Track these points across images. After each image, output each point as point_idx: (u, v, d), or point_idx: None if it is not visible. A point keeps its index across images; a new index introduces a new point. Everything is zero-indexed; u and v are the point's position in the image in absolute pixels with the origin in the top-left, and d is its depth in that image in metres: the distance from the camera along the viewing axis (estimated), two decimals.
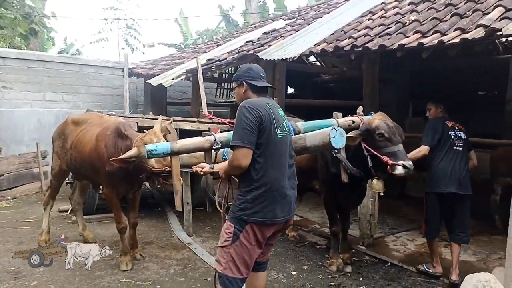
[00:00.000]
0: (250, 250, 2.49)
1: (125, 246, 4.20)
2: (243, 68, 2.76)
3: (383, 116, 3.58)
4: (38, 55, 9.83)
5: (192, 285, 3.81)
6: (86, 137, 4.23)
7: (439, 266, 4.12)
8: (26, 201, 7.22)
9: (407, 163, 3.28)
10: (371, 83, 5.58)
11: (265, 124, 2.44)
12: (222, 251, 2.54)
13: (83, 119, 4.58)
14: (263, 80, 2.71)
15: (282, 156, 2.53)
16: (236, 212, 2.49)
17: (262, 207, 2.44)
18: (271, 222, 2.49)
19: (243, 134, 2.40)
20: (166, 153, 3.23)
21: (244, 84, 2.67)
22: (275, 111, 2.56)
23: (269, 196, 2.45)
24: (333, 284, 3.90)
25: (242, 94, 2.69)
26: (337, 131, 2.98)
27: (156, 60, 10.75)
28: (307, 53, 5.07)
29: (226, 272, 2.50)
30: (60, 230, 5.47)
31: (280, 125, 2.55)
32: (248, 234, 2.46)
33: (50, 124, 9.64)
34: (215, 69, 6.33)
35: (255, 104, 2.47)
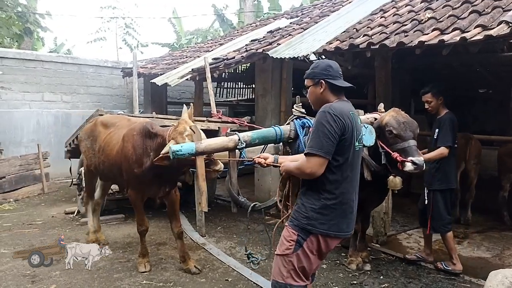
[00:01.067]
0: (311, 260, 2.37)
1: (144, 248, 4.15)
2: (320, 65, 2.49)
3: (395, 112, 3.56)
4: (36, 55, 9.68)
5: (214, 286, 3.77)
6: (113, 140, 4.16)
7: (459, 263, 4.12)
8: (29, 203, 7.09)
9: (417, 159, 3.25)
10: (384, 81, 5.59)
11: (348, 135, 2.28)
12: (283, 260, 2.39)
13: (112, 122, 4.53)
14: (341, 79, 2.48)
15: (355, 169, 2.41)
16: (300, 220, 2.36)
17: (329, 219, 2.31)
18: (334, 236, 2.35)
19: (323, 143, 2.23)
20: (191, 153, 3.17)
21: (322, 83, 2.42)
22: (356, 120, 2.41)
23: (339, 209, 2.33)
24: (355, 282, 3.88)
25: (319, 94, 2.46)
26: (367, 129, 2.96)
27: (157, 60, 10.65)
28: (320, 51, 5.05)
29: (289, 281, 2.36)
30: (69, 232, 5.37)
31: (359, 136, 2.42)
32: (312, 243, 2.34)
33: (49, 125, 9.52)
34: (223, 68, 6.27)
35: (341, 112, 2.28)
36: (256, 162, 2.71)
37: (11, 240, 4.99)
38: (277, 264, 2.43)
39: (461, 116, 9.21)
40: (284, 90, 6.44)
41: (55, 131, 9.55)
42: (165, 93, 10.31)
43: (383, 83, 5.65)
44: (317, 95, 2.47)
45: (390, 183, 3.51)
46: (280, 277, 2.38)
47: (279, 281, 2.39)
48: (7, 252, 4.58)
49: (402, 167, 3.29)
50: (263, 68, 6.48)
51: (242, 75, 11.42)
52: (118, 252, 4.57)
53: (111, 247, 4.74)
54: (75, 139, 6.41)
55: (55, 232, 5.37)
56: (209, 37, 19.22)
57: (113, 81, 10.60)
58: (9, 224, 5.71)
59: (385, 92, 5.43)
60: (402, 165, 3.28)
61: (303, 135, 3.43)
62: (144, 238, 4.12)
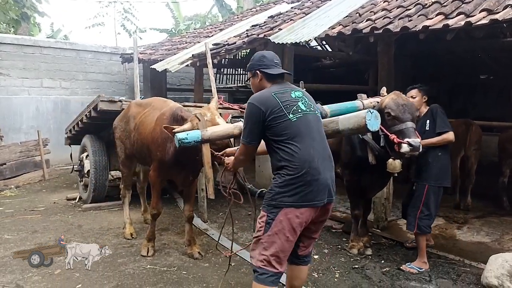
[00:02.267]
0: (283, 241, 2.38)
1: (152, 232, 4.18)
2: (255, 56, 2.67)
3: (396, 95, 3.53)
4: (34, 40, 9.59)
5: (218, 270, 3.80)
6: (147, 120, 4.17)
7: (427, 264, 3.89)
8: (30, 190, 7.10)
9: (413, 141, 3.22)
10: (387, 67, 5.56)
11: (274, 114, 2.40)
12: (256, 243, 2.45)
13: (147, 102, 4.59)
14: (277, 66, 2.63)
15: (307, 137, 2.43)
16: (268, 200, 2.42)
17: (294, 192, 2.34)
18: (302, 206, 2.35)
19: (247, 132, 2.48)
20: (197, 141, 3.17)
21: (258, 74, 2.61)
22: (285, 96, 2.48)
23: (300, 179, 2.34)
24: (356, 266, 3.93)
25: (257, 84, 2.63)
26: (373, 114, 2.94)
27: (156, 45, 10.56)
28: (323, 36, 5.01)
29: (259, 264, 2.41)
30: (72, 218, 5.40)
31: (293, 108, 2.46)
32: (282, 221, 2.36)
33: (48, 111, 9.49)
34: (224, 53, 6.22)
35: (260, 98, 2.46)
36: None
37: (14, 226, 5.01)
38: (251, 247, 2.50)
39: (462, 102, 9.28)
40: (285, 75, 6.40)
41: (54, 117, 9.52)
42: (164, 80, 10.25)
43: (385, 69, 5.62)
44: (256, 84, 2.65)
45: (389, 166, 3.48)
46: (254, 260, 2.45)
47: (254, 264, 2.45)
48: (11, 237, 4.61)
49: (398, 149, 3.26)
50: None
51: (242, 61, 11.34)
52: (121, 238, 4.61)
53: (114, 232, 4.80)
54: (75, 126, 6.41)
55: (57, 218, 5.39)
56: (207, 22, 19.01)
57: (112, 67, 10.53)
58: (11, 211, 5.73)
59: (388, 77, 5.40)
60: (399, 147, 3.25)
61: None
62: (154, 222, 4.17)
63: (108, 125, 6.04)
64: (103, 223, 5.15)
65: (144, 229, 4.87)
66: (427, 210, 3.82)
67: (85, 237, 4.61)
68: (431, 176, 3.81)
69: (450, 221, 5.35)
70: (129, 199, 4.90)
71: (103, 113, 5.23)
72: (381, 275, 3.74)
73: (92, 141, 6.01)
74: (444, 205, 5.95)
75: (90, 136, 6.12)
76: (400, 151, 3.28)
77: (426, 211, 3.82)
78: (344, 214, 5.65)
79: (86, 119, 5.71)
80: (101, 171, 5.84)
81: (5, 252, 4.17)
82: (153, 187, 4.07)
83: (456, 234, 4.91)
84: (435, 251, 4.28)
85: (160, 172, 3.95)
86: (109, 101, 5.09)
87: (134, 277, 3.61)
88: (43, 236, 4.66)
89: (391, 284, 3.57)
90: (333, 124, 3.20)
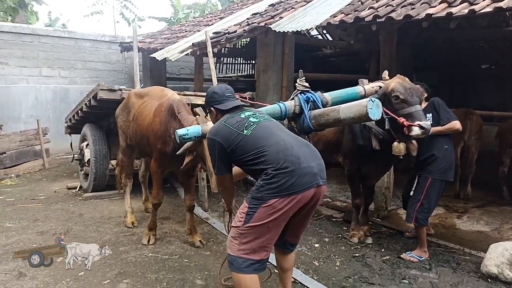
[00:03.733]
0: (264, 231, 2.36)
1: (153, 222, 4.19)
2: (208, 93, 2.80)
3: (400, 79, 3.51)
4: (32, 28, 9.51)
5: (219, 258, 3.81)
6: (145, 111, 4.15)
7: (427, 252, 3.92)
8: (30, 179, 7.10)
9: (424, 123, 3.20)
10: (389, 56, 5.53)
11: (230, 140, 2.48)
12: (236, 232, 2.42)
13: (146, 92, 4.54)
14: (230, 99, 2.73)
15: (269, 138, 2.43)
16: (253, 193, 2.39)
17: (279, 183, 2.29)
18: (291, 194, 2.29)
19: (215, 164, 2.60)
20: (197, 136, 3.17)
21: (212, 110, 2.75)
22: (234, 119, 2.57)
23: (282, 170, 2.30)
24: (357, 255, 3.95)
25: (215, 119, 2.77)
26: (374, 103, 2.93)
27: (155, 34, 10.47)
28: (324, 24, 4.97)
29: (247, 255, 2.37)
30: (73, 206, 5.40)
31: (245, 125, 2.51)
32: (265, 213, 2.32)
33: (47, 101, 9.45)
34: (224, 42, 6.17)
35: (214, 132, 2.58)
36: None
37: (15, 215, 5.02)
38: (229, 237, 2.49)
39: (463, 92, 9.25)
40: (286, 65, 6.38)
41: (53, 106, 9.49)
42: (164, 69, 10.19)
43: (387, 58, 5.59)
44: (213, 119, 2.81)
45: (394, 149, 3.47)
46: (232, 250, 2.42)
47: (231, 254, 2.43)
48: (12, 226, 4.62)
49: (408, 132, 3.22)
50: (265, 42, 6.39)
51: (242, 51, 11.27)
52: (122, 226, 4.62)
53: (115, 221, 4.81)
54: (75, 115, 6.38)
55: (58, 206, 5.40)
56: (207, 11, 18.85)
57: (111, 56, 10.45)
58: (12, 199, 5.73)
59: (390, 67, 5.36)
60: (409, 130, 3.21)
61: (308, 110, 3.41)
62: (155, 211, 4.18)
63: (108, 114, 6.03)
64: (104, 212, 5.16)
65: (145, 218, 4.89)
66: (428, 203, 3.80)
67: (86, 226, 4.62)
68: (435, 169, 3.78)
69: (450, 210, 5.38)
70: (130, 188, 4.89)
71: (102, 102, 5.20)
72: (381, 264, 3.76)
73: (92, 130, 5.99)
74: (444, 195, 5.90)
75: (90, 125, 6.10)
76: (410, 134, 3.24)
77: (426, 204, 3.80)
78: (345, 203, 5.67)
79: (86, 108, 5.69)
80: (102, 160, 5.84)
81: (7, 240, 4.18)
82: (154, 177, 4.07)
83: (456, 223, 4.94)
84: (435, 240, 4.30)
85: (161, 163, 3.95)
86: (109, 89, 5.06)
87: (136, 265, 3.63)
88: (44, 224, 4.67)
89: (391, 272, 3.59)
90: (334, 113, 3.20)
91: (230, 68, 12.08)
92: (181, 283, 3.32)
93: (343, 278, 3.46)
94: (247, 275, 2.37)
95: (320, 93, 3.59)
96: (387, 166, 4.17)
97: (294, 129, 3.51)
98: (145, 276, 3.43)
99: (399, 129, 3.33)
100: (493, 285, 3.34)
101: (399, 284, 3.38)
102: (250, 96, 5.90)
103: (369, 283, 3.38)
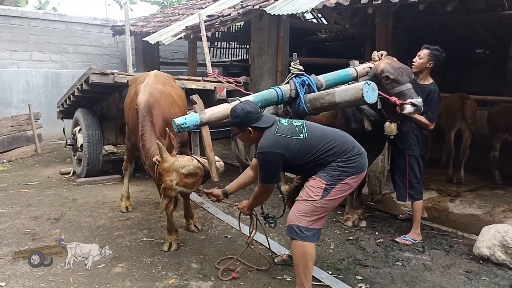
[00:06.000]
0: (335, 205, 2.71)
1: (170, 223, 3.73)
2: (240, 114, 2.74)
3: (390, 60, 3.55)
4: (22, 11, 9.30)
5: (214, 242, 3.83)
6: (129, 100, 4.01)
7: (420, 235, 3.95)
8: (23, 164, 7.03)
9: (416, 101, 3.24)
10: (384, 39, 5.49)
11: (291, 148, 2.62)
12: (308, 206, 2.61)
13: (135, 78, 4.39)
14: (262, 113, 2.82)
15: (328, 132, 2.73)
16: (330, 170, 2.62)
17: (353, 165, 2.64)
18: (360, 172, 2.68)
19: (269, 175, 2.70)
20: (196, 124, 3.14)
21: (249, 129, 2.74)
22: (283, 129, 2.68)
23: (352, 153, 2.65)
24: (351, 238, 3.98)
25: (250, 137, 2.80)
26: (370, 86, 2.92)
27: (147, 17, 10.31)
28: (320, 7, 4.90)
29: (313, 226, 2.63)
30: (66, 192, 5.37)
31: (297, 130, 2.68)
32: (341, 189, 2.63)
33: (38, 85, 9.32)
34: (219, 25, 6.08)
35: (274, 146, 2.61)
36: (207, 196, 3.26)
37: (8, 200, 4.98)
38: (300, 209, 2.63)
39: (457, 76, 9.25)
40: (281, 49, 6.32)
41: (45, 91, 9.36)
42: (157, 53, 10.07)
43: (383, 41, 5.56)
44: (248, 138, 2.82)
45: (386, 129, 3.56)
46: (301, 222, 2.61)
47: (300, 225, 2.61)
48: (5, 211, 4.59)
49: (401, 110, 3.28)
50: (260, 26, 6.31)
51: (236, 35, 11.15)
52: (116, 211, 4.61)
53: (110, 206, 4.80)
54: (67, 99, 6.29)
55: (51, 192, 5.37)
56: None
57: (102, 39, 10.29)
58: (5, 185, 5.69)
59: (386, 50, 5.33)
60: (401, 108, 3.26)
61: (303, 93, 3.39)
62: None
63: (100, 99, 5.96)
64: (98, 197, 5.14)
65: (140, 204, 4.88)
66: (415, 178, 3.93)
67: (81, 211, 4.60)
68: (408, 146, 3.90)
69: (443, 194, 5.42)
70: (130, 172, 4.80)
71: (95, 86, 5.11)
72: (375, 246, 3.80)
73: (84, 115, 5.92)
74: (437, 179, 6.04)
75: (83, 110, 6.02)
76: (403, 112, 3.29)
77: (414, 178, 3.92)
78: None
79: (78, 92, 5.60)
80: (95, 145, 5.78)
81: (0, 225, 4.16)
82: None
83: (449, 207, 4.99)
84: (428, 223, 4.34)
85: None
86: (101, 73, 4.96)
87: (131, 249, 3.63)
88: (37, 209, 4.64)
89: (385, 254, 3.63)
90: (329, 97, 3.19)
91: (224, 53, 11.95)
92: (176, 266, 3.33)
93: (337, 260, 3.49)
94: (312, 243, 2.65)
95: (314, 76, 3.58)
96: (379, 150, 4.21)
97: (289, 113, 3.50)
98: (140, 260, 3.43)
99: (392, 109, 3.37)
100: (484, 266, 3.39)
101: (392, 266, 3.42)
102: (245, 80, 5.85)
103: (363, 265, 3.42)
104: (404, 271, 3.33)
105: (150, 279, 3.12)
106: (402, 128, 3.79)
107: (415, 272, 3.31)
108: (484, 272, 3.31)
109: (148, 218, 4.42)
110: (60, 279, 3.11)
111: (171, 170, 3.05)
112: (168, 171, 3.06)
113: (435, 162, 6.64)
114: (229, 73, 11.07)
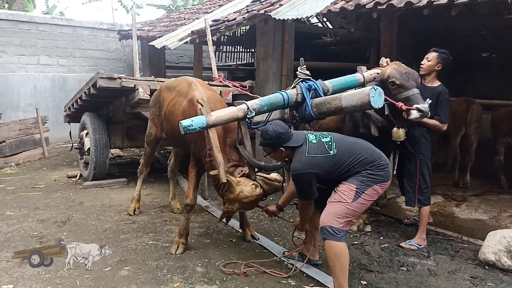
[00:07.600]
0: (362, 207, 2.85)
1: (184, 227, 3.75)
2: (272, 135, 2.89)
3: (396, 65, 3.53)
4: (30, 16, 9.41)
5: (219, 246, 3.85)
6: (175, 110, 3.93)
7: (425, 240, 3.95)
8: (30, 167, 7.11)
9: (422, 106, 3.23)
10: (389, 44, 5.50)
11: (324, 166, 2.77)
12: (342, 208, 2.74)
13: (174, 86, 4.22)
14: (292, 132, 2.96)
15: (355, 146, 2.88)
16: (360, 176, 2.77)
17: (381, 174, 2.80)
18: (387, 180, 2.85)
19: (307, 193, 2.89)
20: (202, 127, 3.16)
21: (282, 150, 2.92)
22: (313, 149, 2.81)
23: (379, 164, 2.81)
24: (356, 243, 3.98)
25: (282, 156, 3.00)
26: (376, 91, 2.93)
27: (154, 22, 10.39)
28: (325, 11, 4.92)
29: (345, 228, 2.77)
30: (73, 195, 5.42)
31: (326, 147, 2.81)
32: (370, 194, 2.78)
33: (46, 89, 9.42)
34: (224, 30, 6.12)
35: (309, 167, 2.77)
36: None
37: (16, 203, 5.04)
38: (333, 211, 2.77)
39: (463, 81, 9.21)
40: (286, 53, 6.34)
41: (52, 95, 9.45)
42: (163, 57, 10.13)
43: (388, 46, 5.56)
44: (280, 156, 3.01)
45: (394, 135, 3.55)
46: (334, 223, 2.74)
47: (334, 226, 2.73)
48: (13, 214, 4.64)
49: (407, 116, 3.27)
50: (265, 30, 6.34)
51: (241, 39, 11.18)
52: (123, 214, 4.64)
53: (116, 209, 4.83)
54: (74, 103, 6.36)
55: (58, 195, 5.42)
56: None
57: (109, 44, 10.38)
58: (13, 188, 5.75)
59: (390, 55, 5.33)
60: (408, 114, 3.25)
61: (309, 98, 3.41)
62: (188, 214, 3.76)
63: (107, 103, 6.01)
64: (105, 200, 5.18)
65: (147, 208, 4.90)
66: (424, 182, 3.93)
67: (87, 214, 4.65)
68: (419, 151, 3.90)
69: (448, 198, 5.40)
70: (145, 175, 4.85)
71: (102, 90, 5.17)
72: (380, 251, 3.80)
73: (92, 119, 5.98)
74: (443, 183, 6.02)
75: (90, 114, 6.08)
76: (409, 118, 3.29)
77: (423, 183, 3.93)
78: None
79: (85, 97, 5.66)
80: (102, 149, 5.83)
81: (8, 228, 4.21)
82: (189, 176, 3.90)
83: (454, 212, 4.97)
84: (434, 228, 4.34)
85: (197, 164, 3.79)
86: (108, 78, 5.02)
87: (137, 252, 3.66)
88: (44, 212, 4.69)
89: (389, 259, 3.63)
90: (336, 101, 3.20)
91: (230, 57, 11.99)
92: (182, 270, 3.35)
93: None
94: (345, 243, 2.79)
95: (321, 81, 3.59)
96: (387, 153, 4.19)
97: (296, 118, 3.52)
98: (146, 263, 3.46)
99: (399, 114, 3.36)
100: (490, 272, 3.38)
101: (397, 271, 3.42)
102: (250, 84, 5.88)
103: (367, 270, 3.42)
104: (409, 276, 3.33)
105: (155, 283, 3.14)
106: (413, 133, 3.80)
107: (420, 277, 3.31)
108: (490, 277, 3.30)
109: (153, 222, 4.45)
110: (66, 282, 3.15)
111: (235, 201, 3.20)
112: (232, 201, 3.22)
113: (440, 167, 6.62)
114: (234, 77, 11.10)
